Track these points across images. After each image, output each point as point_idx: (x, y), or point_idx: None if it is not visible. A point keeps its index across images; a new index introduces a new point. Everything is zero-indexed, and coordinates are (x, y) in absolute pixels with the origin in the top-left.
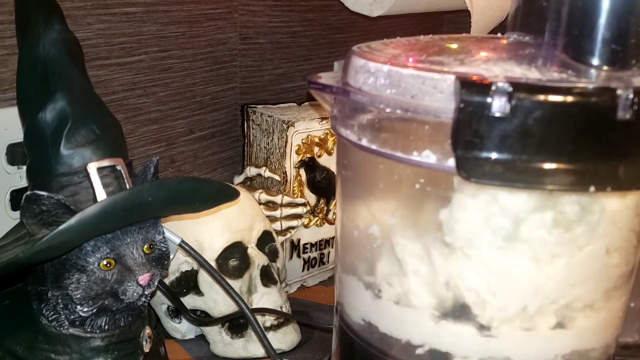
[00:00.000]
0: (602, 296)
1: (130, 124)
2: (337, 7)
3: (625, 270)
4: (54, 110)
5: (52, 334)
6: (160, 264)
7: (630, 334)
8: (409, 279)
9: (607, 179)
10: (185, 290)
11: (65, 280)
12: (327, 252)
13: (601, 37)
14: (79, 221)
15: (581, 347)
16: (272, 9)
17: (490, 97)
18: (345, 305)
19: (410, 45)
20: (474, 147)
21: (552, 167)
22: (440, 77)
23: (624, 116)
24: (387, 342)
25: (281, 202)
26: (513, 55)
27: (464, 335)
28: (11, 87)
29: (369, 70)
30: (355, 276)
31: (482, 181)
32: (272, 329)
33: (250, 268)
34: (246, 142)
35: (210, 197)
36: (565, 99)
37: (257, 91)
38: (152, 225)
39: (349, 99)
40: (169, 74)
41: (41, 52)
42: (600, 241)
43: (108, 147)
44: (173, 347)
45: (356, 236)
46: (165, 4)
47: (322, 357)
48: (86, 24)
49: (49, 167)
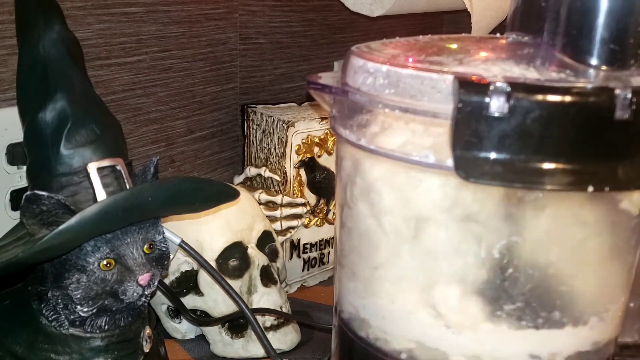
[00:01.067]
0: (602, 296)
1: (130, 124)
2: (337, 7)
3: (625, 270)
4: (54, 110)
5: (52, 334)
6: (160, 264)
7: (630, 334)
8: (409, 279)
9: (605, 179)
10: (185, 290)
11: (65, 280)
12: (327, 252)
13: (600, 37)
14: (79, 221)
15: (581, 346)
16: (272, 9)
17: (488, 97)
18: (345, 305)
19: (409, 46)
20: (473, 147)
21: (551, 167)
22: (439, 77)
23: (623, 116)
24: (386, 342)
25: (281, 202)
26: (512, 55)
27: (462, 335)
28: (11, 87)
29: (368, 71)
30: (355, 276)
31: (481, 181)
32: (272, 329)
33: (250, 268)
34: (246, 142)
35: (210, 197)
36: (563, 98)
37: (257, 91)
38: (152, 225)
39: (347, 99)
40: (169, 74)
41: (41, 52)
42: (601, 240)
43: (108, 147)
44: (173, 347)
45: (356, 236)
46: (165, 4)
47: (322, 357)
48: (86, 24)
49: (49, 167)
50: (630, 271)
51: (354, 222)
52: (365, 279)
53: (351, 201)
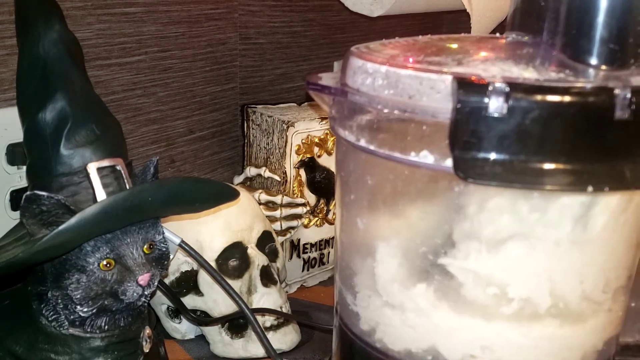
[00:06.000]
0: (603, 296)
1: (130, 124)
2: (337, 7)
3: (626, 270)
4: (53, 110)
5: (52, 334)
6: (160, 264)
7: (631, 334)
8: (407, 279)
9: (605, 179)
10: (185, 290)
11: (65, 280)
12: (327, 252)
13: (599, 37)
14: (79, 221)
15: (582, 346)
16: (272, 9)
17: (487, 98)
18: (345, 305)
19: (408, 46)
20: (472, 147)
21: (550, 167)
22: (438, 78)
23: (622, 116)
24: (387, 342)
25: (281, 202)
26: (511, 55)
27: (464, 336)
28: (11, 87)
29: (367, 71)
30: (355, 276)
31: (480, 181)
32: (272, 329)
33: (250, 268)
34: (246, 142)
35: (210, 197)
36: (562, 98)
37: (257, 91)
38: (152, 225)
39: (347, 100)
40: (169, 74)
41: (41, 52)
42: (602, 240)
43: (108, 147)
44: (173, 347)
45: (356, 236)
46: (165, 4)
47: (322, 358)
48: (86, 24)
49: (49, 167)
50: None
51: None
52: (365, 279)
53: (352, 201)
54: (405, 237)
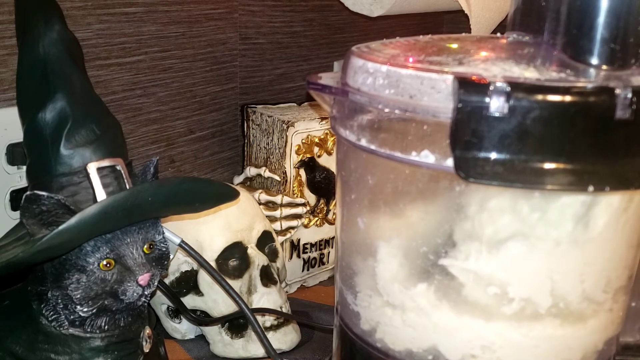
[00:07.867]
0: (603, 295)
1: (130, 124)
2: (337, 7)
3: (626, 269)
4: (53, 110)
5: (52, 334)
6: (160, 264)
7: (631, 334)
8: (408, 279)
9: (605, 179)
10: (185, 290)
11: (65, 280)
12: (327, 252)
13: (600, 37)
14: (78, 221)
15: (582, 346)
16: (272, 9)
17: (488, 97)
18: (345, 305)
19: (409, 46)
20: (473, 147)
21: (551, 166)
22: (439, 77)
23: (623, 115)
24: (387, 342)
25: (281, 202)
26: (512, 55)
27: (464, 336)
28: (11, 87)
29: (368, 71)
30: (355, 276)
31: (481, 181)
32: (272, 329)
33: (250, 268)
34: (246, 142)
35: (210, 197)
36: (563, 98)
37: (257, 91)
38: (152, 225)
39: (347, 100)
40: (169, 74)
41: (41, 52)
42: (603, 240)
43: (108, 147)
44: (173, 347)
45: (356, 236)
46: (165, 4)
47: (322, 357)
48: (86, 24)
49: (49, 167)
50: (632, 271)
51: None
52: (365, 279)
53: (353, 201)
54: (406, 237)
